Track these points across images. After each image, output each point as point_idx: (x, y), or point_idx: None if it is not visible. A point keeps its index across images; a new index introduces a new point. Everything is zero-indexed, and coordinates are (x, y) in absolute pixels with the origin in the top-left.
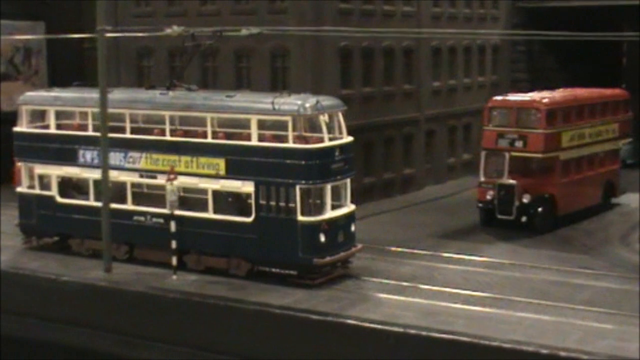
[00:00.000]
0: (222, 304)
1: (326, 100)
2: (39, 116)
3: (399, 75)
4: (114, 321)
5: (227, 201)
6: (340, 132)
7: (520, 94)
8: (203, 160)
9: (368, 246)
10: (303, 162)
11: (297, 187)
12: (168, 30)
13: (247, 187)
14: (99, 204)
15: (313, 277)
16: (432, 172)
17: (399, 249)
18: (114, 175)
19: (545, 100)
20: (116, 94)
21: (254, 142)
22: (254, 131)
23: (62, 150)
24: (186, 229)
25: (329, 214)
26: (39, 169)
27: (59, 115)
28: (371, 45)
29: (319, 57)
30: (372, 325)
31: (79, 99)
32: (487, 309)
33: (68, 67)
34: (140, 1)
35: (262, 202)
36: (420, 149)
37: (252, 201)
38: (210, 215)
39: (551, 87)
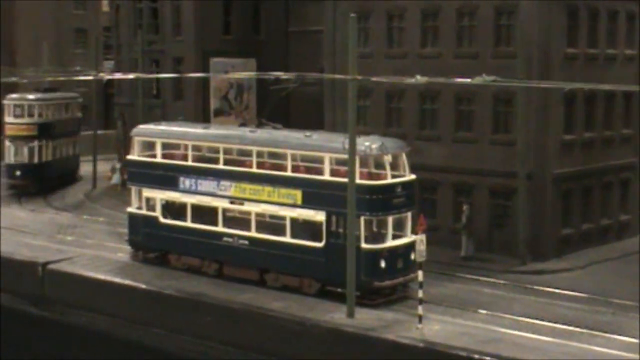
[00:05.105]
0: (469, 357)
1: (391, 142)
2: (148, 146)
3: (619, 119)
4: None
5: (302, 228)
6: (404, 171)
7: None
8: (283, 191)
9: (604, 299)
10: (367, 196)
11: (362, 218)
12: (412, 80)
13: (319, 216)
14: (195, 225)
15: (373, 298)
16: None
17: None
18: (207, 200)
19: None
20: (211, 130)
21: (327, 176)
22: (326, 167)
23: (165, 177)
24: (267, 251)
25: (390, 242)
26: (146, 193)
27: (164, 146)
28: (593, 89)
29: (545, 101)
30: None
31: (181, 133)
32: None
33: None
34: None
35: (332, 229)
36: (637, 195)
37: (323, 229)
38: (287, 239)
39: None
